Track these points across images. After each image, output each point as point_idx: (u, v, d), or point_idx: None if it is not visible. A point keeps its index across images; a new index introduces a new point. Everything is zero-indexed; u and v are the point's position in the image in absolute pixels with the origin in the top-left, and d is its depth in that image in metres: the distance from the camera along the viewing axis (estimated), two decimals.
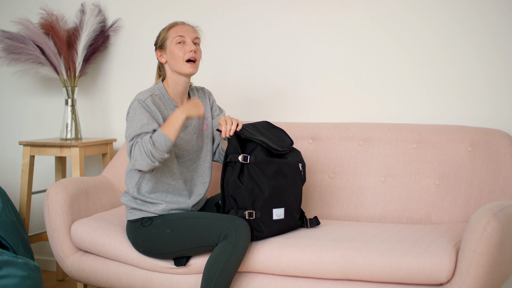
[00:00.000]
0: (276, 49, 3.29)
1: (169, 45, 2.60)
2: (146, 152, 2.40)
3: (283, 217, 2.52)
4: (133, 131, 2.46)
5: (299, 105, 3.25)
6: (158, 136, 2.42)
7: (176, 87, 2.63)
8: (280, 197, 2.51)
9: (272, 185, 2.49)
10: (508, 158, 2.68)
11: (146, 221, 2.57)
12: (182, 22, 2.66)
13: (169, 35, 2.61)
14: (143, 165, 2.41)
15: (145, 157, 2.40)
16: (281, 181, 2.52)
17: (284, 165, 2.53)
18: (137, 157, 2.41)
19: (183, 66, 2.58)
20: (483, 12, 2.90)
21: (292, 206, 2.55)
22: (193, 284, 2.54)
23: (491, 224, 2.14)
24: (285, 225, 2.54)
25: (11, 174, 3.89)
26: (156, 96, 2.57)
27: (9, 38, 3.44)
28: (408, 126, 2.90)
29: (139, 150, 2.41)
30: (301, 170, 2.60)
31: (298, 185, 2.58)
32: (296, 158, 2.61)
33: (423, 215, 2.76)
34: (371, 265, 2.29)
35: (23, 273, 2.63)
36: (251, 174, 2.48)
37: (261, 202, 2.48)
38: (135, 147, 2.42)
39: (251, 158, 2.48)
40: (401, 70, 3.06)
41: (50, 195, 2.80)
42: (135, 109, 2.51)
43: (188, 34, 2.61)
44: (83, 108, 3.72)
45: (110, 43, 3.62)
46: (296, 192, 2.57)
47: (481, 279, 2.16)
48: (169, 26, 2.65)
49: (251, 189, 2.47)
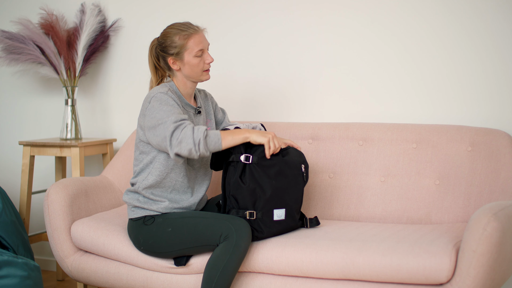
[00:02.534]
0: (276, 50, 3.29)
1: (187, 56, 2.55)
2: (195, 139, 2.37)
3: (283, 218, 2.52)
4: (172, 115, 2.41)
5: (299, 105, 3.25)
6: (213, 134, 2.41)
7: (185, 89, 2.64)
8: (281, 198, 2.51)
9: (273, 186, 2.49)
10: (508, 158, 2.68)
11: (148, 220, 2.57)
12: (197, 30, 2.58)
13: (188, 47, 2.55)
14: (184, 149, 2.38)
15: (191, 142, 2.37)
16: (283, 181, 2.52)
17: (286, 166, 2.53)
18: (183, 139, 2.37)
19: (202, 76, 2.60)
20: (483, 12, 2.90)
21: (293, 207, 2.55)
22: (193, 284, 2.54)
23: (491, 224, 2.14)
24: (285, 226, 2.54)
25: (11, 174, 3.89)
26: (172, 91, 2.57)
27: (9, 38, 3.44)
28: (408, 126, 2.90)
29: (189, 134, 2.37)
30: (303, 171, 2.60)
31: (300, 185, 2.58)
32: (299, 159, 2.60)
33: (423, 215, 2.76)
34: (371, 265, 2.29)
35: (23, 273, 2.63)
36: (253, 174, 2.48)
37: (262, 203, 2.48)
38: (184, 129, 2.38)
39: (254, 159, 2.48)
40: (401, 70, 3.06)
41: (50, 195, 2.80)
42: (160, 99, 2.48)
43: (205, 45, 2.59)
44: (83, 108, 3.72)
45: (110, 43, 3.62)
46: (297, 193, 2.57)
47: (481, 279, 2.16)
48: (186, 35, 2.55)
49: (253, 189, 2.47)
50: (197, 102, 2.71)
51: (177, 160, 2.44)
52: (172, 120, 2.41)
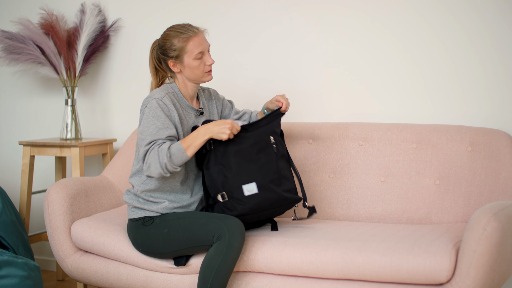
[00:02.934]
0: (275, 50, 3.29)
1: (186, 59, 2.55)
2: (160, 163, 2.41)
3: (256, 191, 2.50)
4: (149, 135, 2.46)
5: (299, 105, 3.25)
6: (176, 150, 2.42)
7: (186, 90, 2.64)
8: (247, 173, 2.51)
9: (236, 163, 2.50)
10: (508, 158, 2.68)
11: (147, 220, 2.57)
12: (196, 32, 2.57)
13: (187, 50, 2.54)
14: (154, 173, 2.45)
15: (158, 166, 2.42)
16: (245, 157, 2.52)
17: (246, 141, 2.53)
18: (151, 164, 2.43)
19: (203, 78, 2.61)
20: (483, 12, 2.90)
21: (266, 179, 2.53)
22: (193, 284, 2.54)
23: (491, 224, 2.14)
24: (263, 198, 2.51)
25: (11, 174, 3.89)
26: (171, 94, 2.57)
27: (9, 38, 3.44)
28: (408, 126, 2.90)
29: (154, 158, 2.42)
30: (273, 142, 2.58)
31: (269, 157, 2.56)
32: (267, 130, 2.60)
33: (423, 215, 2.76)
34: (371, 265, 2.29)
35: (23, 273, 2.63)
36: (216, 157, 2.52)
37: (230, 182, 2.50)
38: (151, 153, 2.44)
39: (215, 144, 2.52)
40: (401, 70, 3.06)
41: (50, 195, 2.80)
42: (152, 108, 2.50)
43: (205, 47, 2.58)
44: (83, 108, 3.72)
45: (110, 43, 3.62)
46: (267, 165, 2.54)
47: (481, 279, 2.16)
48: (185, 37, 2.55)
49: (218, 170, 2.51)
50: (200, 103, 2.70)
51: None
52: (147, 141, 2.46)
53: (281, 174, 2.57)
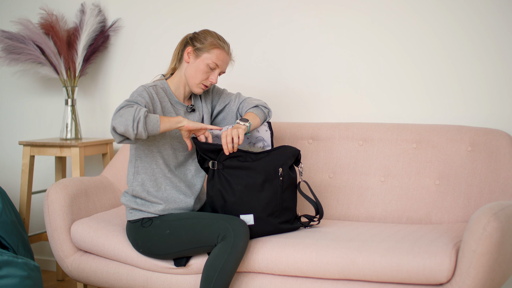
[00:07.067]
0: (275, 51, 3.29)
1: (202, 58, 2.57)
2: (134, 117, 2.33)
3: (253, 223, 2.51)
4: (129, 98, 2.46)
5: (299, 105, 3.25)
6: (153, 117, 2.39)
7: (179, 88, 2.64)
8: (247, 204, 2.50)
9: (239, 191, 2.49)
10: (508, 158, 2.68)
11: (146, 222, 2.57)
12: (227, 51, 2.60)
13: (210, 53, 2.56)
14: (121, 124, 2.34)
15: (130, 120, 2.33)
16: (249, 187, 2.50)
17: (254, 172, 2.52)
18: (124, 114, 2.34)
19: (196, 87, 2.61)
20: (483, 12, 2.90)
21: (265, 212, 2.52)
22: (193, 284, 2.54)
23: (491, 224, 2.14)
24: (258, 229, 2.52)
25: (11, 174, 3.89)
26: (160, 88, 2.59)
27: (9, 38, 3.44)
28: (408, 126, 2.90)
29: (130, 111, 2.35)
30: (280, 174, 2.55)
31: (273, 190, 2.53)
32: (277, 162, 2.55)
33: (423, 215, 2.76)
34: (371, 265, 2.29)
35: (23, 273, 2.63)
36: (220, 180, 2.52)
37: (229, 207, 2.51)
38: (129, 106, 2.38)
39: (219, 165, 2.52)
40: (401, 70, 3.06)
41: (50, 195, 2.80)
42: (137, 90, 2.52)
43: (222, 66, 2.60)
44: (83, 108, 3.72)
45: (110, 43, 3.62)
46: (270, 198, 2.52)
47: (481, 279, 2.16)
48: (218, 44, 2.57)
49: (220, 194, 2.51)
50: (192, 100, 2.71)
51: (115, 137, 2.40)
52: (127, 99, 2.43)
53: (283, 206, 2.56)
